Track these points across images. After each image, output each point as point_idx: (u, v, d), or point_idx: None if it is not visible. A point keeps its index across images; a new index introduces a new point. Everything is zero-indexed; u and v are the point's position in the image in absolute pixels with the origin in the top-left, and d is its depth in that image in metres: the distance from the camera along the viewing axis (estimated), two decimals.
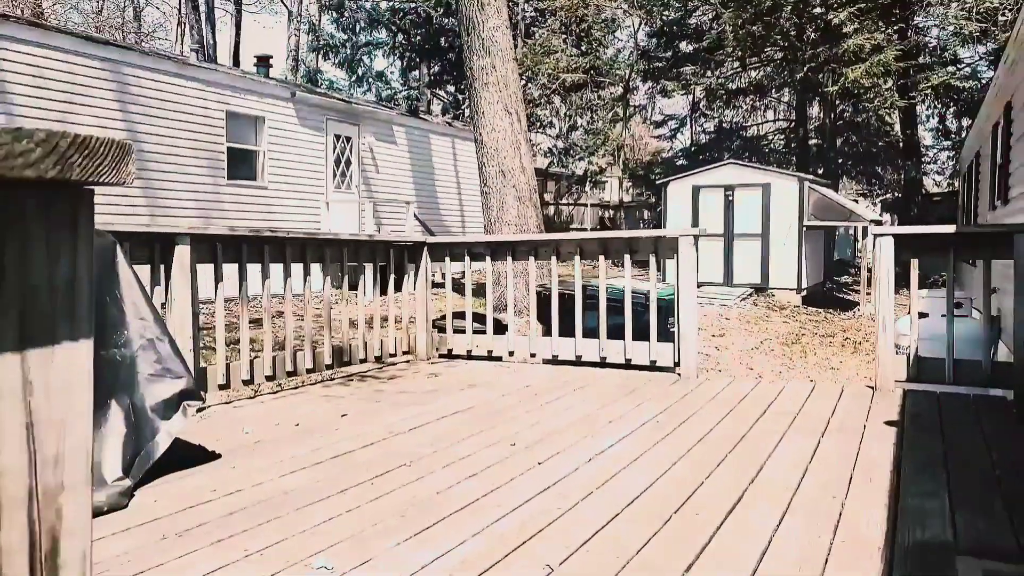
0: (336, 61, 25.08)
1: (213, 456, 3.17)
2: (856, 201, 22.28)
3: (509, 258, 5.74)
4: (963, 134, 23.54)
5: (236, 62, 26.28)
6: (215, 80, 11.34)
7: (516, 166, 10.68)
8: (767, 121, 25.02)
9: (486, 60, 10.48)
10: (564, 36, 21.30)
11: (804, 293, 15.02)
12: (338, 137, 13.67)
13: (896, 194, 24.62)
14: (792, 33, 18.66)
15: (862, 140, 22.44)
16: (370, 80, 25.59)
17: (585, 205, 22.78)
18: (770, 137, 24.31)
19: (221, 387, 4.18)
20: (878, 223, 16.09)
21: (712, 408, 4.21)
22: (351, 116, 13.92)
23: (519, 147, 10.76)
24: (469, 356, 5.88)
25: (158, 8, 27.97)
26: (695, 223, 15.40)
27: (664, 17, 22.64)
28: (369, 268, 5.50)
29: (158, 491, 2.73)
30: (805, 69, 18.63)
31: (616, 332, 5.37)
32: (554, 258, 5.59)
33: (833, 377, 9.10)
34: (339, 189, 13.74)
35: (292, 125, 12.68)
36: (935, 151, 24.96)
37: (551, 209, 23.63)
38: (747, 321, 12.57)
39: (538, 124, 25.14)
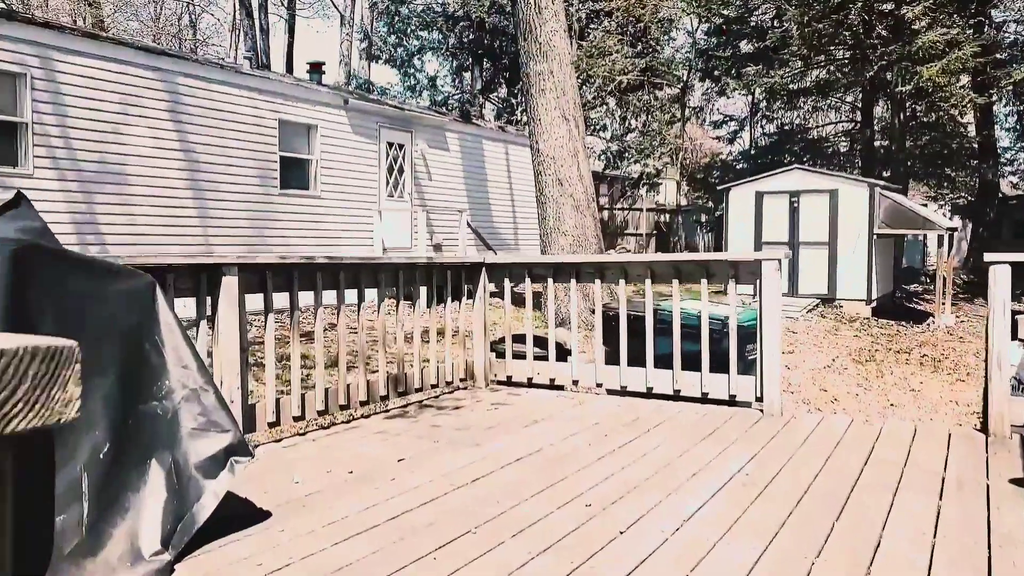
0: (387, 64, 25.07)
1: (261, 515, 2.89)
2: (925, 205, 21.22)
3: (573, 281, 5.38)
4: None
5: (289, 68, 26.52)
6: (267, 88, 11.26)
7: (574, 175, 10.33)
8: (829, 123, 24.05)
9: (543, 65, 10.15)
10: (620, 37, 20.81)
11: (874, 304, 14.28)
12: (391, 144, 13.50)
13: (968, 197, 23.40)
14: (861, 31, 17.80)
15: (933, 141, 21.34)
16: (422, 85, 25.52)
17: (640, 209, 22.25)
18: (833, 139, 23.35)
19: (271, 425, 3.92)
20: (953, 231, 15.19)
21: (805, 455, 3.78)
22: (403, 122, 13.74)
23: (577, 155, 10.40)
24: (530, 384, 5.54)
25: (212, 15, 28.33)
26: (758, 230, 14.80)
27: (723, 15, 21.93)
28: (424, 291, 5.21)
29: (199, 565, 2.46)
30: (875, 68, 17.74)
31: (690, 361, 4.96)
32: (622, 280, 5.20)
33: (915, 400, 8.47)
34: (392, 197, 13.56)
35: (345, 133, 12.55)
36: (1013, 152, 23.63)
37: (605, 214, 23.15)
38: (816, 335, 11.94)
39: (592, 126, 24.71)
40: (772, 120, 24.24)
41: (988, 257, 4.13)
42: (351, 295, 4.40)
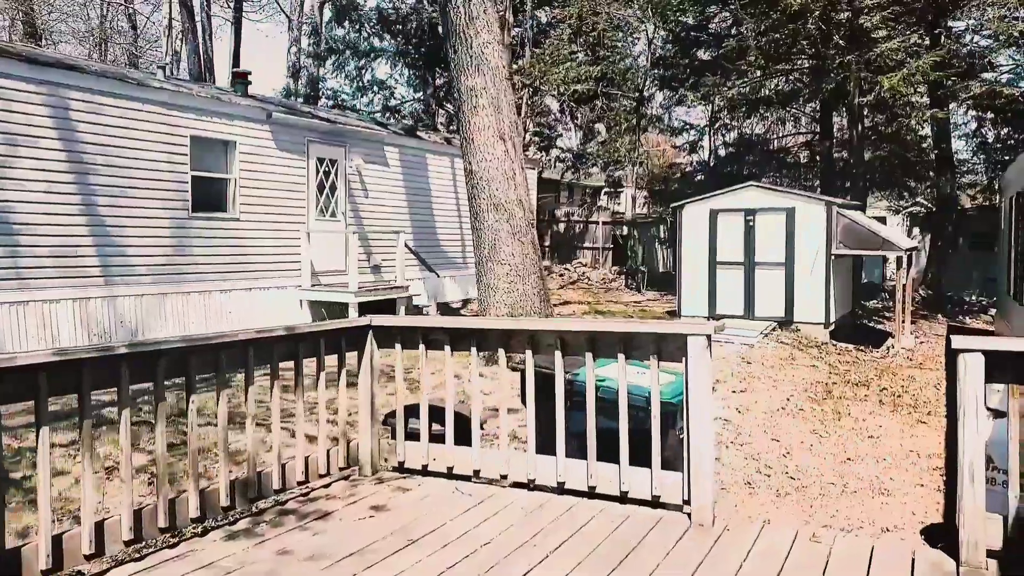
0: (336, 68, 24.01)
1: None
2: (884, 219, 20.84)
3: (473, 350, 4.53)
4: (1002, 145, 22.02)
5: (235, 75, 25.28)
6: (177, 102, 10.23)
7: (511, 198, 9.50)
8: (790, 134, 23.61)
9: (476, 80, 9.31)
10: (575, 45, 20.06)
11: (832, 327, 13.68)
12: (321, 160, 12.53)
13: (930, 207, 23.11)
14: (819, 40, 17.28)
15: (892, 154, 20.98)
16: (374, 91, 24.51)
17: (596, 223, 21.50)
18: (794, 150, 22.90)
19: (47, 573, 3.00)
20: (912, 251, 14.69)
21: None
22: (336, 137, 12.79)
23: (514, 176, 9.57)
24: (425, 472, 4.67)
25: (147, 18, 26.92)
26: (712, 250, 14.13)
27: (681, 22, 21.32)
28: (290, 368, 4.32)
29: None
30: (834, 78, 17.24)
31: (611, 442, 4.15)
32: (529, 351, 4.37)
33: (874, 450, 7.79)
34: (323, 217, 12.59)
35: (268, 149, 11.56)
36: (971, 163, 23.41)
37: (561, 226, 22.39)
38: (771, 366, 11.26)
39: (551, 134, 23.94)
40: (732, 129, 23.72)
41: (956, 342, 3.37)
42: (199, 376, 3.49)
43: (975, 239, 21.35)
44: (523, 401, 4.64)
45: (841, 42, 16.65)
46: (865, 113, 19.06)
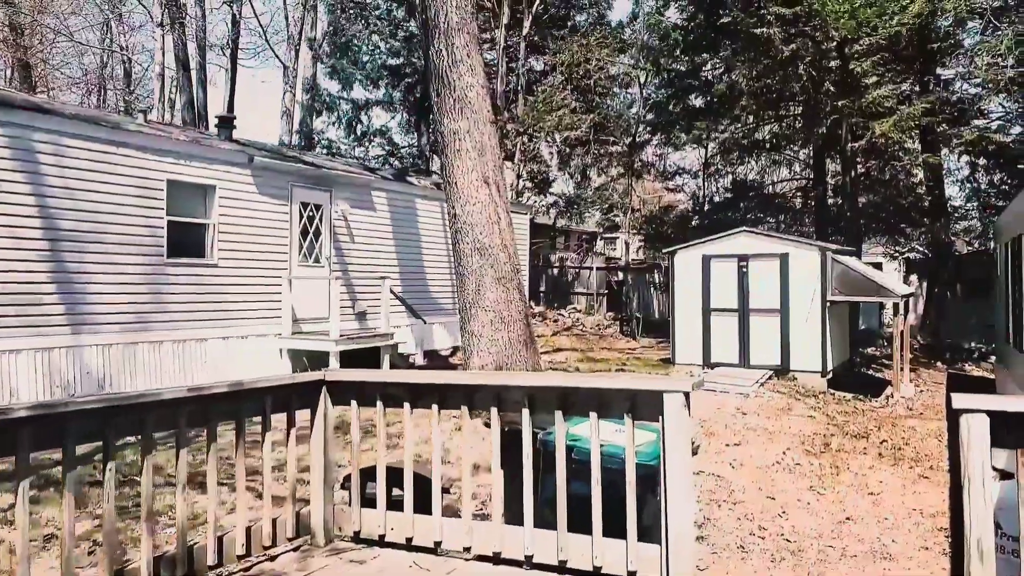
0: (333, 120, 24.07)
1: None
2: (880, 264, 20.60)
3: (435, 407, 4.16)
4: (996, 190, 21.92)
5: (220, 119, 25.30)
6: (154, 145, 10.02)
7: (495, 242, 9.21)
8: (784, 179, 23.54)
9: (459, 123, 9.11)
10: (568, 91, 20.09)
11: (830, 376, 13.29)
12: (305, 205, 12.29)
13: (925, 253, 22.89)
14: (810, 86, 17.29)
15: (885, 200, 20.85)
16: (369, 139, 24.50)
17: (590, 268, 21.23)
18: (790, 195, 22.79)
19: None
20: (908, 297, 14.38)
21: None
22: (321, 181, 12.58)
23: (499, 221, 9.30)
24: (382, 543, 4.25)
25: (144, 68, 27.07)
26: (706, 296, 13.83)
27: (674, 69, 21.42)
28: (231, 428, 3.95)
29: None
30: (826, 123, 17.18)
31: (588, 509, 3.75)
32: (494, 408, 4.00)
33: (874, 509, 7.34)
34: (305, 263, 12.30)
35: (249, 193, 11.32)
36: (964, 208, 23.27)
37: (555, 271, 22.12)
38: (767, 417, 10.84)
39: (544, 180, 23.86)
40: (726, 175, 23.66)
41: (958, 400, 3.01)
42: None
43: (972, 285, 21.06)
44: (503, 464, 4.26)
45: (832, 88, 16.63)
46: (858, 159, 18.99)
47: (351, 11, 23.32)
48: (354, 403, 4.40)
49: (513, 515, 4.06)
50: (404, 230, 14.41)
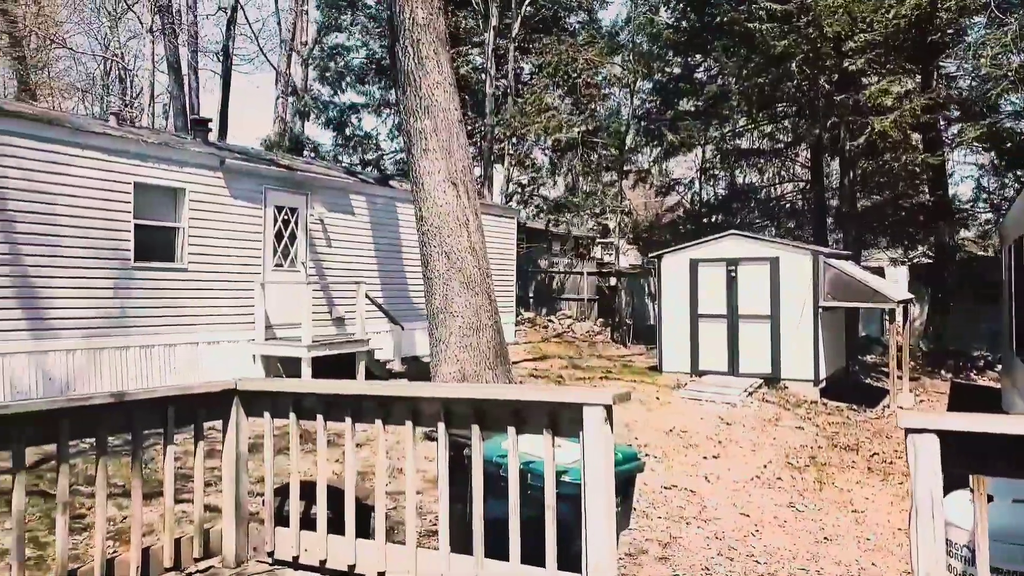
0: (321, 123, 23.85)
1: None
2: (882, 269, 20.17)
3: (348, 420, 3.84)
4: (1003, 189, 21.42)
5: (223, 126, 25.19)
6: (120, 148, 9.75)
7: (463, 246, 8.88)
8: (780, 181, 23.14)
9: (425, 122, 8.80)
10: (557, 93, 19.79)
11: (822, 385, 12.89)
12: (280, 209, 12.01)
13: (929, 255, 22.34)
14: (805, 84, 16.92)
15: (887, 201, 20.39)
16: (356, 143, 24.27)
17: (581, 273, 20.88)
18: (790, 196, 22.37)
19: None
20: (907, 303, 13.96)
21: None
22: (296, 185, 12.30)
23: (467, 224, 8.97)
24: (296, 565, 3.93)
25: (134, 74, 26.90)
26: (693, 302, 13.46)
27: (666, 73, 21.09)
28: (127, 442, 3.63)
29: None
30: (822, 122, 16.80)
31: (532, 532, 3.41)
32: (409, 422, 3.67)
33: (855, 528, 6.95)
34: (280, 268, 12.01)
35: (221, 196, 11.05)
36: (972, 207, 22.68)
37: (545, 277, 21.78)
38: (752, 427, 10.46)
39: (533, 184, 23.56)
40: (720, 180, 23.29)
41: (905, 420, 2.67)
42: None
43: (981, 290, 20.50)
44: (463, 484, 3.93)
45: (826, 86, 16.26)
46: (857, 160, 18.56)
47: (343, 8, 23.11)
48: (267, 414, 4.08)
49: (457, 543, 3.73)
50: (384, 235, 14.12)
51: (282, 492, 4.17)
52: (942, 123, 18.61)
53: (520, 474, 3.52)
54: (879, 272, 19.16)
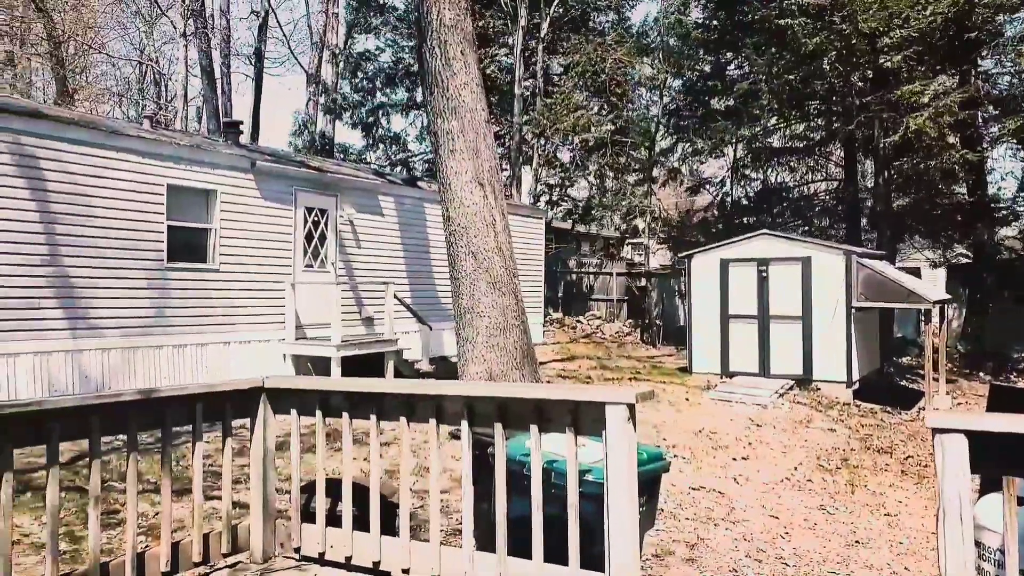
0: (350, 123, 24.06)
1: None
2: (918, 270, 19.74)
3: (373, 417, 3.87)
4: None
5: (255, 128, 25.57)
6: (154, 151, 9.95)
7: (490, 246, 8.90)
8: (813, 180, 22.77)
9: (452, 123, 8.84)
10: (585, 93, 19.72)
11: (855, 386, 12.66)
12: (310, 210, 12.15)
13: (967, 255, 21.80)
14: (838, 82, 16.62)
15: (924, 200, 19.92)
16: (385, 144, 24.46)
17: (610, 273, 20.78)
18: (823, 196, 21.99)
19: None
20: (943, 303, 13.66)
21: None
22: (326, 186, 12.43)
23: (494, 224, 8.99)
24: (322, 562, 3.98)
25: (162, 74, 27.41)
26: (724, 303, 13.32)
27: (696, 71, 20.90)
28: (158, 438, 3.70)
29: None
30: (856, 120, 16.49)
31: (555, 531, 3.40)
32: (433, 420, 3.69)
33: (888, 531, 6.82)
34: (310, 268, 12.15)
35: (252, 198, 11.21)
36: (1012, 205, 22.05)
37: (574, 277, 21.72)
38: (783, 429, 10.32)
39: (562, 184, 23.53)
40: (752, 180, 23.00)
41: (932, 419, 2.61)
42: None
43: (1021, 291, 19.96)
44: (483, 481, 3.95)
45: (859, 84, 15.96)
46: (891, 158, 18.19)
47: (372, 11, 23.29)
48: (294, 412, 4.14)
49: (480, 542, 3.74)
50: (412, 235, 14.21)
51: (309, 489, 4.22)
52: (980, 120, 18.14)
53: (543, 473, 3.53)
54: (915, 273, 18.77)
